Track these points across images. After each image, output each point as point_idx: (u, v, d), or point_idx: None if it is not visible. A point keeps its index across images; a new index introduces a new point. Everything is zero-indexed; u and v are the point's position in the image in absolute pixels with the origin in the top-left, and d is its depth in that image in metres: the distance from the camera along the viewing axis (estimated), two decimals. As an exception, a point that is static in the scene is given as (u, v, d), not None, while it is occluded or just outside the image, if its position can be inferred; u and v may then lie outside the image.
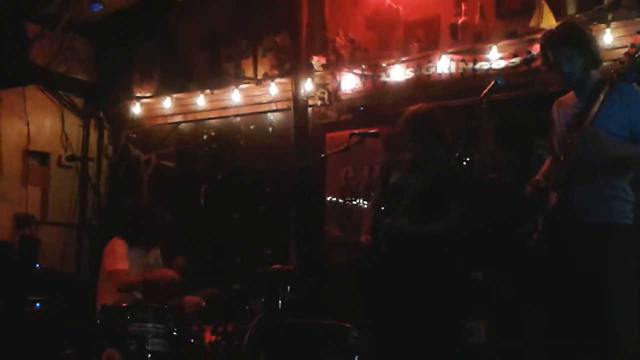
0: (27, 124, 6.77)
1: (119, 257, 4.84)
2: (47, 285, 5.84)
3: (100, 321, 4.24)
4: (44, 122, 7.01)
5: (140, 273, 4.94)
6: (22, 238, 6.37)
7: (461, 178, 4.03)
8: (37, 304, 5.44)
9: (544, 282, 3.34)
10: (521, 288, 4.20)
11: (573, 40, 3.32)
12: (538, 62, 4.78)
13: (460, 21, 5.36)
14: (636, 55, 3.11)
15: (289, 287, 4.47)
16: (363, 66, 5.73)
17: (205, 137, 6.84)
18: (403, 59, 5.55)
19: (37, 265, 6.08)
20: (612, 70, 3.13)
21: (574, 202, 3.23)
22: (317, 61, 5.95)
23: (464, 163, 3.98)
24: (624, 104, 3.18)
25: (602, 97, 3.10)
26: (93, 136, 7.43)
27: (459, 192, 3.99)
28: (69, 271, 6.83)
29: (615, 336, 3.09)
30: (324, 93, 5.92)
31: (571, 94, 3.46)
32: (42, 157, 7.03)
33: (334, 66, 5.91)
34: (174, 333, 4.20)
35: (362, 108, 5.78)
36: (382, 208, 4.16)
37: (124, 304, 4.30)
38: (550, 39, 3.41)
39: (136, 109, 7.18)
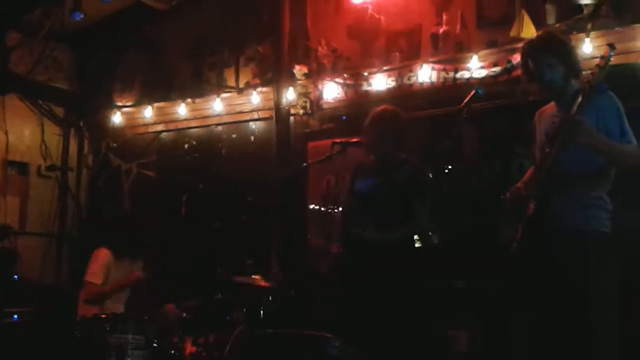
0: (6, 134, 6.71)
1: (97, 269, 4.83)
2: (26, 297, 5.76)
3: (80, 333, 4.19)
4: (23, 132, 6.95)
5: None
6: (-2, 251, 6.29)
7: (424, 179, 4.07)
8: (15, 316, 5.35)
9: (524, 290, 3.35)
10: (503, 296, 4.20)
11: (554, 48, 3.35)
12: (518, 72, 4.81)
13: (441, 31, 5.39)
14: (606, 67, 3.14)
15: (270, 297, 4.45)
16: (345, 75, 5.74)
17: (186, 146, 6.81)
18: (385, 68, 5.56)
19: (16, 277, 6.00)
20: (585, 81, 3.16)
21: (551, 210, 3.24)
22: (299, 70, 5.95)
23: (445, 171, 4.02)
24: (600, 116, 3.20)
25: (575, 108, 3.11)
26: (73, 145, 7.38)
27: (423, 194, 4.02)
28: (48, 282, 6.75)
29: (596, 343, 3.10)
30: (306, 102, 5.92)
31: (552, 104, 3.49)
32: (21, 167, 6.96)
33: (316, 75, 5.92)
34: (154, 344, 4.15)
35: (344, 117, 5.78)
36: (349, 215, 4.21)
37: (104, 315, 4.26)
38: (531, 48, 3.44)
39: (117, 118, 7.14)
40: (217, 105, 6.46)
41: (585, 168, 3.24)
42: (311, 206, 5.91)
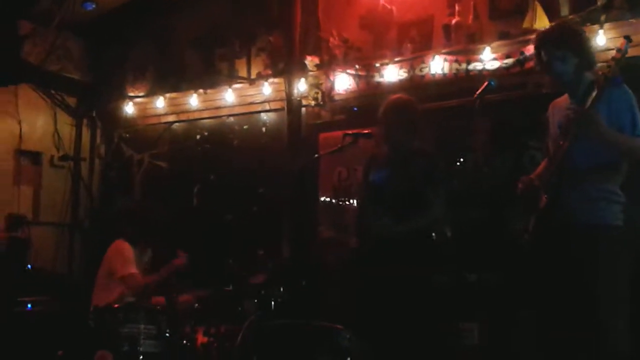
0: (19, 123, 6.74)
1: (130, 261, 4.85)
2: (39, 286, 5.81)
3: (93, 322, 4.23)
4: (36, 122, 6.98)
5: (141, 272, 4.96)
6: (11, 240, 6.31)
7: (438, 169, 4.06)
8: (29, 305, 5.41)
9: (536, 282, 3.35)
10: (514, 289, 4.20)
11: (566, 40, 3.32)
12: (531, 63, 4.83)
13: (453, 22, 5.36)
14: (622, 59, 3.12)
15: (281, 288, 4.47)
16: (357, 66, 5.72)
17: (198, 137, 6.82)
18: (397, 59, 5.54)
19: (29, 266, 6.05)
20: (600, 73, 3.14)
21: (563, 203, 3.23)
22: (310, 61, 5.94)
23: (457, 163, 4.01)
24: (613, 108, 3.18)
25: (589, 101, 3.10)
26: (86, 136, 7.41)
27: (437, 184, 4.02)
28: (61, 271, 6.80)
29: (605, 335, 3.10)
30: (317, 93, 5.91)
31: (566, 96, 3.47)
32: (34, 157, 6.99)
33: (327, 66, 5.90)
34: (167, 334, 4.19)
35: (355, 108, 5.78)
36: (364, 207, 4.20)
37: (117, 305, 4.29)
38: (544, 39, 3.42)
39: (129, 109, 7.16)
40: (228, 96, 6.47)
41: (597, 161, 3.23)
42: (322, 198, 5.91)
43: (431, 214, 4.03)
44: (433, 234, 4.13)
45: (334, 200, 5.83)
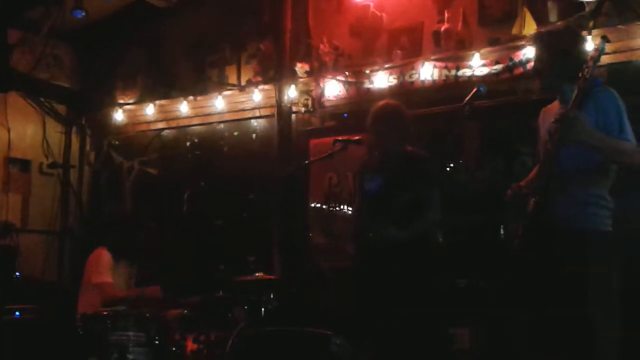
0: (8, 131, 6.71)
1: (105, 269, 4.82)
2: (28, 294, 5.77)
3: (82, 330, 4.20)
4: (25, 129, 6.96)
5: (125, 285, 4.93)
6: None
7: (433, 170, 4.07)
8: (17, 313, 5.36)
9: (525, 287, 3.34)
10: (504, 294, 4.20)
11: (547, 42, 3.35)
12: (520, 69, 4.86)
13: (443, 28, 5.39)
14: (599, 59, 3.13)
15: (272, 295, 4.45)
16: (347, 73, 5.74)
17: (188, 143, 6.81)
18: (386, 65, 5.56)
19: (18, 274, 6.00)
20: (579, 75, 3.14)
21: (552, 208, 3.22)
22: (300, 68, 5.95)
23: (447, 169, 4.01)
24: (598, 109, 3.19)
25: (571, 102, 3.11)
26: (75, 143, 7.39)
27: (433, 184, 4.02)
28: (50, 279, 6.76)
29: (596, 341, 3.09)
30: (307, 100, 5.93)
31: (556, 102, 3.47)
32: (23, 164, 6.97)
33: (317, 73, 5.92)
34: (156, 342, 4.16)
35: (345, 115, 5.79)
36: (362, 215, 4.19)
37: (105, 312, 4.26)
38: (532, 38, 3.47)
39: (119, 116, 7.14)
40: (218, 103, 6.47)
41: (584, 165, 3.21)
42: (313, 204, 5.91)
43: (429, 217, 4.03)
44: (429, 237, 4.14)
45: (324, 207, 5.83)
